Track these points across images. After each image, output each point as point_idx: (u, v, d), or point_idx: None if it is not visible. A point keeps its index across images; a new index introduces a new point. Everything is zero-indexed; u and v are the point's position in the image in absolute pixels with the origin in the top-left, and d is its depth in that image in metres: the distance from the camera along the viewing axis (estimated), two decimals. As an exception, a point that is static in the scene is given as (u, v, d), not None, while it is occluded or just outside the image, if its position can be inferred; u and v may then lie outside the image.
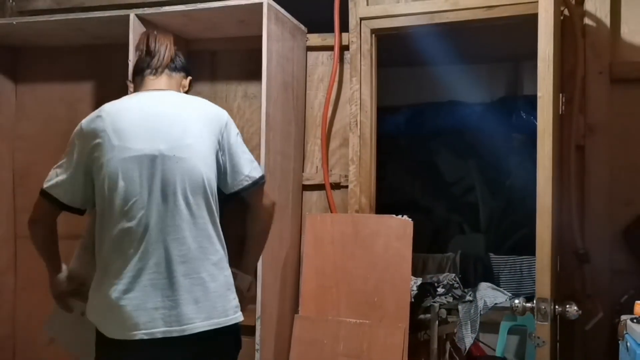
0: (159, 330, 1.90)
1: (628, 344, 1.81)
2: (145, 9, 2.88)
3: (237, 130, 2.12)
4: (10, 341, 3.51)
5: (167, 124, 1.99)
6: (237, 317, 2.04)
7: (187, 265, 1.93)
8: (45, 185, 2.06)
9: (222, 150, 2.06)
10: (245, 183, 2.09)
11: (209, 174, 2.00)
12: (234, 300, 2.04)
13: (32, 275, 3.44)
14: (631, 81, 2.62)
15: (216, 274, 1.99)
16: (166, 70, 2.13)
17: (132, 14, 2.86)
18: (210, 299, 1.96)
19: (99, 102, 3.37)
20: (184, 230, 1.94)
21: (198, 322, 1.93)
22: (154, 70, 2.12)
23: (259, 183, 2.12)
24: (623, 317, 1.93)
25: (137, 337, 1.90)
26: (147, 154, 1.94)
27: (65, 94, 3.47)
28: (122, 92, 2.80)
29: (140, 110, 2.03)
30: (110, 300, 1.91)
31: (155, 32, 2.20)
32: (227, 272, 2.04)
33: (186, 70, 2.23)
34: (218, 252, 2.01)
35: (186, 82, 2.23)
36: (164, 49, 2.13)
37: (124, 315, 1.90)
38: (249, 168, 2.10)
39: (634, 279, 2.49)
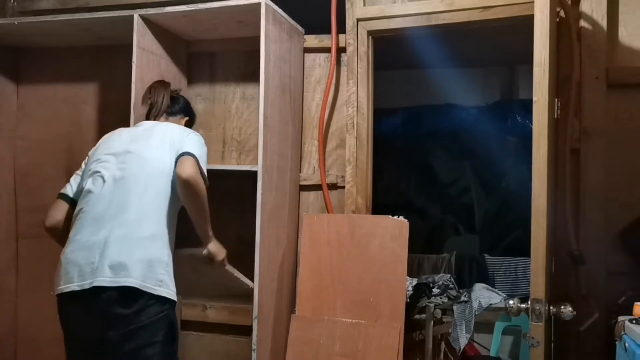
0: (86, 282, 2.18)
1: (626, 345, 1.81)
2: (149, 9, 2.89)
3: (195, 137, 2.46)
4: (12, 341, 3.51)
5: (141, 134, 2.48)
6: (157, 290, 2.21)
7: (123, 230, 2.23)
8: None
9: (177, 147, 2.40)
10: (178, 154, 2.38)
11: (161, 169, 2.34)
12: (160, 275, 2.23)
13: (33, 275, 3.46)
14: (629, 86, 2.60)
15: (147, 246, 2.24)
16: (164, 115, 2.65)
17: (135, 15, 2.88)
18: (132, 261, 2.19)
19: (102, 104, 3.41)
20: (130, 202, 2.28)
21: (112, 278, 2.17)
22: (155, 117, 2.64)
23: (182, 155, 2.34)
24: (621, 318, 1.93)
25: (66, 290, 2.21)
26: (119, 151, 2.41)
27: (68, 94, 3.48)
28: (125, 93, 2.83)
29: (128, 129, 2.57)
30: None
31: (155, 84, 2.75)
32: (162, 249, 2.28)
33: (185, 112, 2.74)
34: (154, 228, 2.28)
35: (182, 122, 2.69)
36: (161, 99, 2.66)
37: (61, 271, 2.26)
38: (187, 148, 2.38)
39: (629, 280, 2.50)
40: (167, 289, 2.25)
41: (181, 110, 2.71)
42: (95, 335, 2.22)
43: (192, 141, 2.43)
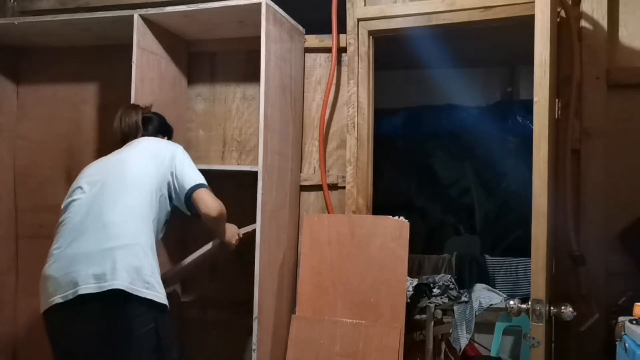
0: (70, 292, 2.13)
1: (626, 345, 1.81)
2: (149, 9, 2.89)
3: (182, 156, 2.49)
4: (12, 340, 3.51)
5: (121, 150, 2.50)
6: (144, 292, 2.16)
7: (103, 237, 2.19)
8: None
9: (171, 169, 2.44)
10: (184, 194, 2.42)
11: (142, 173, 2.35)
12: (147, 277, 2.18)
13: (33, 276, 3.43)
14: (630, 86, 2.59)
15: (129, 252, 2.19)
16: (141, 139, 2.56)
17: (136, 14, 2.88)
18: (115, 268, 2.13)
19: (103, 104, 3.41)
20: (109, 208, 2.24)
21: (97, 284, 2.13)
22: (131, 140, 2.54)
23: (194, 190, 2.41)
24: (621, 318, 1.93)
25: (51, 305, 2.16)
26: (101, 165, 2.43)
27: (68, 94, 3.47)
28: (125, 93, 2.83)
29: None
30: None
31: (125, 109, 2.62)
32: (145, 254, 2.23)
33: (161, 131, 2.70)
34: (135, 234, 2.24)
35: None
36: (134, 123, 2.56)
37: (41, 289, 2.23)
38: (191, 177, 2.44)
39: (629, 280, 2.49)
40: (155, 292, 2.20)
41: (157, 130, 2.67)
42: (85, 350, 2.18)
43: (185, 164, 2.48)
